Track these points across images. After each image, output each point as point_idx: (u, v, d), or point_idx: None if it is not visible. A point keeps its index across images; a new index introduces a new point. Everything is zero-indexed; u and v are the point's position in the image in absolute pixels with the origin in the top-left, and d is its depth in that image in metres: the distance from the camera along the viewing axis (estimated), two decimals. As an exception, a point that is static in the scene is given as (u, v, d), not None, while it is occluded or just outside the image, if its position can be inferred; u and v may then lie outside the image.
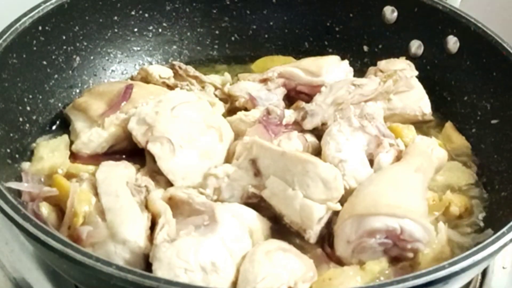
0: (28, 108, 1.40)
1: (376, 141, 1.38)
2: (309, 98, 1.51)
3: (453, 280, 1.04)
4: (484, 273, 1.36)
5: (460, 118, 1.57)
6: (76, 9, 1.51)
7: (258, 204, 1.28)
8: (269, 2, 1.75)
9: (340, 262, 1.21)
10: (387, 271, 1.20)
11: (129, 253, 1.14)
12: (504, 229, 1.11)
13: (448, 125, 1.56)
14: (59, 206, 1.25)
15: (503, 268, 1.38)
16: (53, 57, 1.48)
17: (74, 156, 1.37)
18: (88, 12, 1.55)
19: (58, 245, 1.00)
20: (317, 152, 1.37)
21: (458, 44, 1.59)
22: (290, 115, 1.43)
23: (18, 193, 1.26)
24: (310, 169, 1.22)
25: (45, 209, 1.24)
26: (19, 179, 1.30)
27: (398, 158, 1.37)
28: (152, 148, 1.29)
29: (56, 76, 1.50)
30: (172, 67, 1.59)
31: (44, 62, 1.46)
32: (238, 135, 1.41)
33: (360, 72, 1.65)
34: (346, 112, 1.43)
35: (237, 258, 1.15)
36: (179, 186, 1.27)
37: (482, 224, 1.35)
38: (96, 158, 1.36)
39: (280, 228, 1.26)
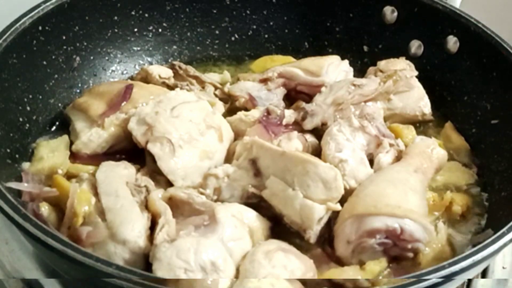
0: (28, 108, 1.40)
1: (376, 141, 1.38)
2: (309, 98, 1.52)
3: (453, 280, 1.04)
4: (484, 273, 1.36)
5: (460, 118, 1.57)
6: (76, 9, 1.51)
7: (258, 204, 1.28)
8: (269, 2, 1.75)
9: (340, 262, 1.21)
10: (387, 271, 1.20)
11: (129, 253, 1.14)
12: (504, 229, 1.11)
13: (448, 125, 1.56)
14: (59, 206, 1.25)
15: (503, 268, 1.38)
16: (53, 57, 1.49)
17: (74, 156, 1.37)
18: (88, 12, 1.55)
19: (58, 245, 1.00)
20: (317, 152, 1.37)
21: (458, 44, 1.59)
22: (290, 115, 1.43)
23: (18, 193, 1.26)
24: (310, 169, 1.22)
25: (45, 209, 1.24)
26: (19, 179, 1.30)
27: (398, 158, 1.37)
28: (152, 148, 1.29)
29: (56, 76, 1.50)
30: (172, 67, 1.60)
31: (44, 62, 1.46)
32: (238, 135, 1.41)
33: (360, 72, 1.65)
34: (346, 112, 1.43)
35: (237, 258, 1.15)
36: (179, 186, 1.27)
37: (482, 224, 1.35)
38: (96, 158, 1.36)
39: (280, 228, 1.26)
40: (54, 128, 1.48)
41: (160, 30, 1.70)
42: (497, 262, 1.39)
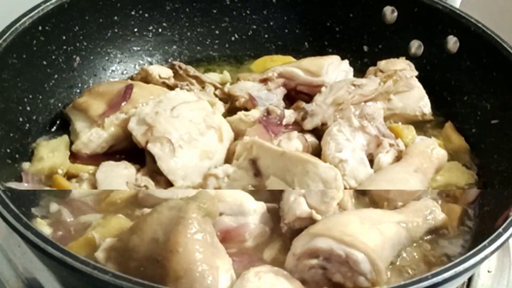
0: (28, 108, 1.40)
1: (376, 141, 1.38)
2: (309, 98, 1.51)
3: (451, 282, 1.04)
4: (470, 277, 1.34)
5: (460, 118, 1.57)
6: (76, 9, 1.51)
7: (258, 204, 1.28)
8: (269, 2, 1.74)
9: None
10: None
11: (129, 253, 1.14)
12: (500, 229, 1.11)
13: (448, 125, 1.56)
14: (59, 206, 1.25)
15: (488, 272, 1.37)
16: (53, 57, 1.48)
17: (74, 156, 1.37)
18: (88, 12, 1.55)
19: (57, 252, 0.99)
20: (317, 152, 1.37)
21: (458, 44, 1.58)
22: (290, 115, 1.43)
23: (18, 193, 1.26)
24: (310, 169, 1.22)
25: (45, 209, 1.24)
26: (19, 179, 1.30)
27: (398, 158, 1.37)
28: (152, 148, 1.29)
29: (56, 76, 1.50)
30: (172, 67, 1.60)
31: (44, 62, 1.46)
32: (238, 135, 1.41)
33: (360, 72, 1.65)
34: (346, 112, 1.43)
35: (237, 258, 1.15)
36: (179, 186, 1.27)
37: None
38: (96, 158, 1.36)
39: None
40: (54, 128, 1.48)
41: (160, 30, 1.70)
42: (483, 265, 1.36)
